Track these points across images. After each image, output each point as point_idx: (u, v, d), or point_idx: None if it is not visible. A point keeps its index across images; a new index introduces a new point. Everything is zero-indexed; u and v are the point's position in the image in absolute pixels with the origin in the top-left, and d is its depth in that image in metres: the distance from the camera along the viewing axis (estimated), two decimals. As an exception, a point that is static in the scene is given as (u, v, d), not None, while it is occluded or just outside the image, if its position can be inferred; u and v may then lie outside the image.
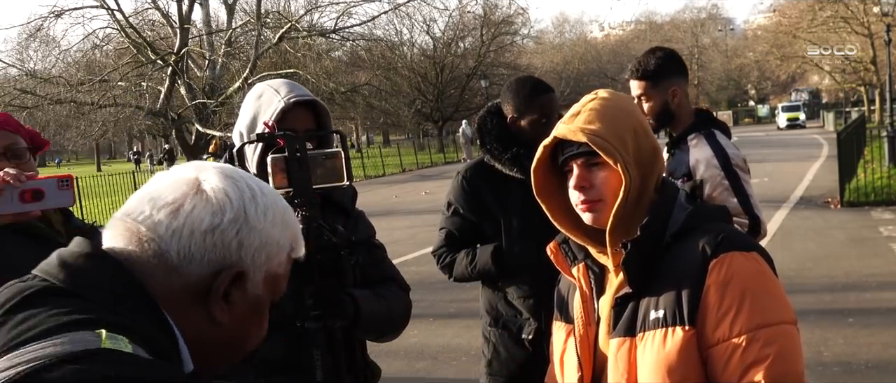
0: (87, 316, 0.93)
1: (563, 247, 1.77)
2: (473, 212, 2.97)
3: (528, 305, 2.91)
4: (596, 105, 1.66)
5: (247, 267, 1.06)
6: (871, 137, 19.98)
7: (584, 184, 1.63)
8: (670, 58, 3.08)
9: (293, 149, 1.87)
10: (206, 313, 1.05)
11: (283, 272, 1.12)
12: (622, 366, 1.60)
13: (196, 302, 1.05)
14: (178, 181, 1.07)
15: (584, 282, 1.74)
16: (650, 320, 1.57)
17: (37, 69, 29.38)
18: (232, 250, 1.05)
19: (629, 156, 1.60)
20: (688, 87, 3.15)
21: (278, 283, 1.13)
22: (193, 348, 1.05)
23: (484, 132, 2.99)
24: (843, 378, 5.27)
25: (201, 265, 1.03)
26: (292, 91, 2.05)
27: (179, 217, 1.03)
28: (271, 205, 1.10)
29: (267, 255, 1.08)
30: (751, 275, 1.54)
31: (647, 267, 1.59)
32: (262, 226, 1.07)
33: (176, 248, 1.03)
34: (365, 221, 2.30)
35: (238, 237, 1.05)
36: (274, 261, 1.09)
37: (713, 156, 2.90)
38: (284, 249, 1.11)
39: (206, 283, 1.04)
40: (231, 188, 1.07)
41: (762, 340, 1.48)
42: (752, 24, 69.87)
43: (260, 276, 1.08)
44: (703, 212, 1.66)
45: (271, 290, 1.12)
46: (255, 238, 1.06)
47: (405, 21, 41.80)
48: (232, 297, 1.06)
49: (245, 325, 1.10)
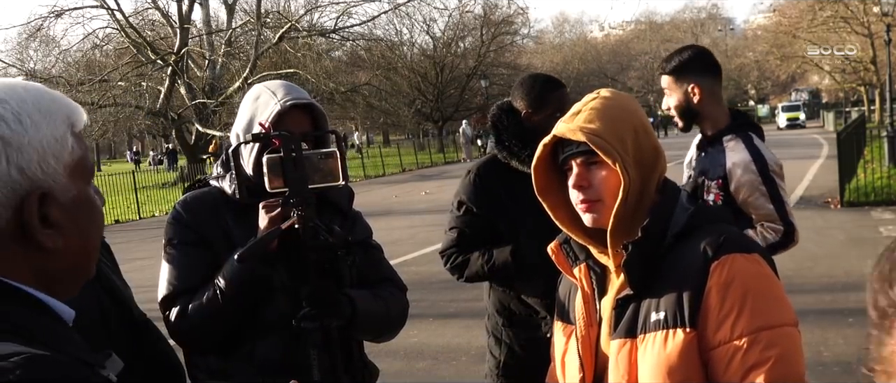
0: None
1: (565, 247, 1.76)
2: (487, 210, 2.93)
3: (545, 304, 2.88)
4: (597, 104, 1.65)
5: (43, 183, 0.95)
6: (871, 137, 19.97)
7: (582, 183, 1.63)
8: (697, 56, 3.04)
9: (289, 150, 1.87)
10: (35, 248, 0.95)
11: (80, 152, 1.00)
12: (623, 368, 1.59)
13: (21, 245, 0.94)
14: None
15: (586, 282, 1.73)
16: (651, 322, 1.56)
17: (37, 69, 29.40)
18: (16, 180, 0.93)
19: (628, 157, 1.59)
20: (719, 86, 3.07)
21: (84, 164, 1.01)
22: (49, 283, 0.97)
23: (500, 129, 2.96)
24: (843, 378, 5.26)
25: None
26: (289, 94, 2.05)
27: None
28: (20, 107, 0.95)
29: (54, 156, 0.96)
30: (752, 276, 1.53)
31: (648, 268, 1.58)
32: (28, 136, 0.94)
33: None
34: (362, 222, 2.30)
35: (12, 165, 0.93)
36: (64, 155, 0.98)
37: (751, 161, 2.87)
38: (65, 136, 0.98)
39: (14, 224, 0.93)
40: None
41: (763, 342, 1.48)
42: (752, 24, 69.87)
43: (62, 179, 0.97)
44: (705, 213, 1.66)
45: (84, 176, 1.01)
46: (29, 154, 0.94)
47: (405, 21, 41.90)
48: (51, 218, 0.95)
49: (79, 228, 1.00)
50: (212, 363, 2.07)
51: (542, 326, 2.88)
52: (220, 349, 2.04)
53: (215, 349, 2.04)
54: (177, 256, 2.06)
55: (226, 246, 2.02)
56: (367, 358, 2.24)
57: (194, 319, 1.99)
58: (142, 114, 27.61)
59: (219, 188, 2.14)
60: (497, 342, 3.02)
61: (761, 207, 2.84)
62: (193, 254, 2.05)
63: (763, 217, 2.99)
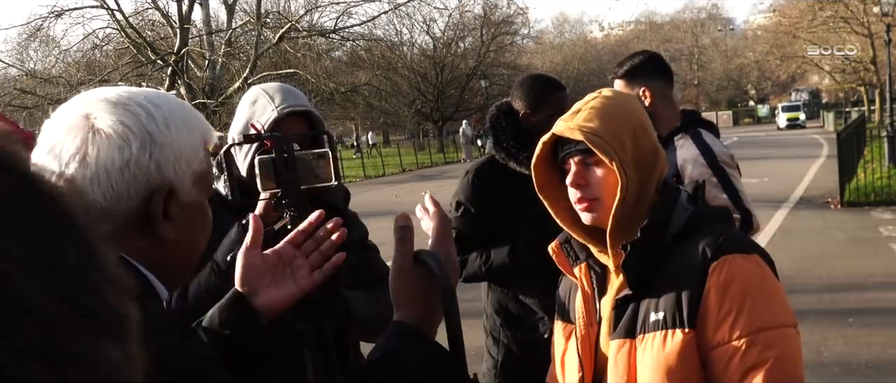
0: None
1: (565, 246, 1.76)
2: (486, 211, 2.93)
3: (542, 304, 2.88)
4: (597, 103, 1.65)
5: (172, 181, 1.08)
6: (871, 137, 19.98)
7: (580, 181, 1.63)
8: (649, 60, 3.09)
9: (281, 150, 1.87)
10: (154, 237, 1.07)
11: (206, 167, 1.14)
12: (622, 368, 1.59)
13: (142, 231, 1.07)
14: (71, 127, 1.06)
15: (586, 281, 1.73)
16: (650, 322, 1.56)
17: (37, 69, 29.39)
18: (152, 174, 1.06)
19: (627, 156, 1.59)
20: (670, 89, 3.16)
21: (206, 180, 1.15)
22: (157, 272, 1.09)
23: (498, 131, 2.96)
24: (843, 378, 5.26)
25: (130, 198, 1.05)
26: (286, 100, 2.05)
27: (89, 164, 1.03)
28: (169, 114, 1.09)
29: (186, 161, 1.09)
30: (751, 277, 1.53)
31: (647, 268, 1.58)
32: (170, 138, 1.08)
33: (100, 193, 1.04)
34: (358, 222, 2.29)
35: (153, 160, 1.06)
36: (195, 163, 1.11)
37: (700, 154, 2.91)
38: (199, 148, 1.12)
39: (141, 211, 1.06)
40: (124, 116, 1.06)
41: (762, 343, 1.47)
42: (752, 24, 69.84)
43: (188, 183, 1.10)
44: (705, 214, 1.65)
45: (204, 187, 1.14)
46: (168, 153, 1.07)
47: (405, 21, 41.82)
48: (171, 213, 1.08)
49: (192, 231, 1.13)
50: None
51: (540, 327, 2.88)
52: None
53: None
54: None
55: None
56: (364, 358, 2.24)
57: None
58: (142, 115, 27.60)
59: (215, 189, 2.14)
60: (495, 342, 3.02)
61: (715, 198, 2.86)
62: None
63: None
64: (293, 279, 1.39)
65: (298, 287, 1.39)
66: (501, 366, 2.99)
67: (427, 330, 1.16)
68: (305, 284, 1.40)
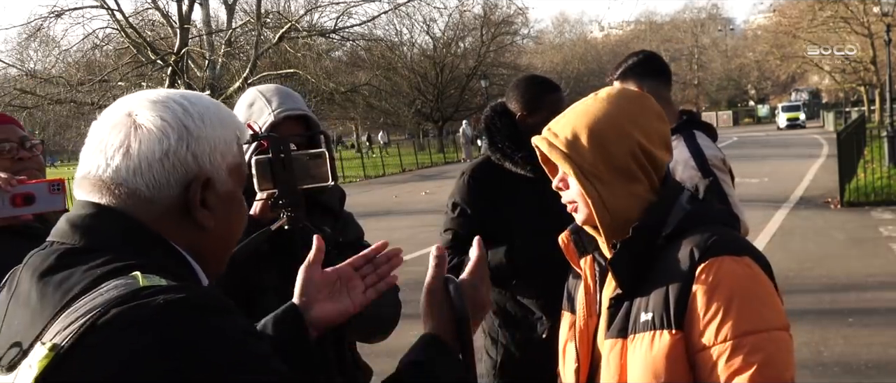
0: (117, 264, 1.05)
1: (575, 237, 1.76)
2: (481, 212, 2.93)
3: (540, 304, 2.88)
4: (578, 109, 1.67)
5: (209, 171, 1.17)
6: (871, 137, 19.97)
7: (559, 185, 1.68)
8: (646, 60, 3.08)
9: (277, 151, 1.87)
10: (193, 224, 1.17)
11: (240, 160, 1.24)
12: (614, 367, 1.58)
13: (182, 219, 1.16)
14: (115, 124, 1.16)
15: (590, 273, 1.73)
16: (640, 322, 1.55)
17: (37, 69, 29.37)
18: (190, 164, 1.15)
19: (594, 164, 1.59)
20: (667, 89, 3.15)
21: (241, 171, 1.24)
22: (198, 260, 1.18)
23: (493, 131, 2.96)
24: (843, 378, 5.26)
25: (170, 187, 1.14)
26: (283, 103, 2.05)
27: (132, 156, 1.13)
28: (204, 110, 1.19)
29: (221, 154, 1.19)
30: (740, 279, 1.50)
31: (638, 268, 1.57)
32: (206, 132, 1.17)
33: (143, 183, 1.13)
34: (354, 223, 2.29)
35: (190, 151, 1.15)
36: (229, 156, 1.20)
37: (690, 157, 2.91)
38: (233, 141, 1.22)
39: (181, 200, 1.15)
40: (163, 112, 1.15)
41: (748, 347, 1.44)
42: (752, 24, 69.83)
43: (223, 174, 1.19)
44: (700, 215, 1.62)
45: (238, 179, 1.23)
46: (204, 145, 1.16)
47: (405, 21, 41.82)
48: (208, 202, 1.17)
49: (229, 219, 1.22)
50: None
51: (538, 327, 2.88)
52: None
53: None
54: None
55: None
56: (361, 358, 2.24)
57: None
58: (142, 115, 27.58)
59: None
60: (493, 342, 3.01)
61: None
62: None
63: None
64: (348, 295, 1.48)
65: (353, 303, 1.48)
66: (500, 367, 2.99)
67: (452, 346, 1.30)
68: (359, 301, 1.49)
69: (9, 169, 2.16)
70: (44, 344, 0.98)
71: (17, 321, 1.06)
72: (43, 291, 1.04)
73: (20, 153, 2.23)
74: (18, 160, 2.22)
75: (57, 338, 0.98)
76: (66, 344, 0.96)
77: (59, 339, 0.97)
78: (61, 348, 0.96)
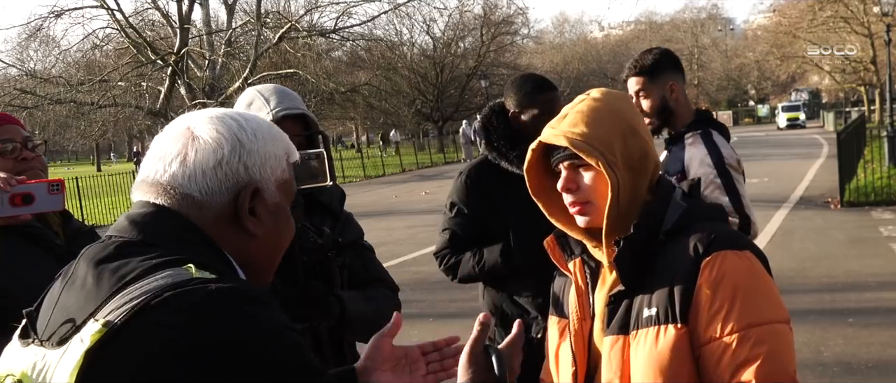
0: (172, 257, 1.13)
1: (560, 241, 1.77)
2: (478, 212, 2.94)
3: (535, 304, 2.89)
4: (583, 107, 1.66)
5: (258, 182, 1.24)
6: (871, 137, 19.98)
7: (570, 186, 1.64)
8: (666, 55, 3.13)
9: None
10: (242, 231, 1.24)
11: (289, 176, 1.31)
12: (615, 364, 1.60)
13: (232, 226, 1.23)
14: (176, 136, 1.24)
15: (580, 276, 1.74)
16: (643, 318, 1.57)
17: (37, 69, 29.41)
18: (241, 174, 1.23)
19: (615, 158, 1.60)
20: (686, 86, 3.18)
21: (289, 186, 1.31)
22: (245, 266, 1.25)
23: (490, 130, 2.98)
24: (843, 378, 5.26)
25: (222, 194, 1.22)
26: (281, 103, 2.05)
27: (188, 164, 1.21)
28: (258, 127, 1.27)
29: (271, 168, 1.26)
30: (743, 273, 1.53)
31: (640, 265, 1.59)
32: (257, 146, 1.25)
33: (197, 189, 1.21)
34: (353, 223, 2.29)
35: (241, 162, 1.23)
36: (278, 170, 1.28)
37: (707, 154, 2.93)
38: (282, 158, 1.29)
39: (232, 207, 1.23)
40: (219, 126, 1.24)
41: (753, 339, 1.48)
42: (752, 24, 69.85)
43: (272, 186, 1.27)
44: (698, 211, 1.66)
45: (286, 194, 1.30)
46: (255, 158, 1.24)
47: (405, 21, 41.82)
48: (257, 211, 1.25)
49: (276, 230, 1.29)
50: None
51: (533, 327, 2.89)
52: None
53: None
54: None
55: None
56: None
57: None
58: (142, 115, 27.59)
59: None
60: (491, 342, 3.02)
61: (716, 200, 2.86)
62: None
63: None
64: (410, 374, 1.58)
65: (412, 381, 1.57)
66: None
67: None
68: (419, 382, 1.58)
69: (12, 169, 2.17)
70: (97, 321, 1.05)
71: (71, 302, 1.13)
72: (100, 275, 1.12)
73: (23, 153, 2.23)
74: (22, 160, 2.23)
75: (111, 316, 1.04)
76: (119, 321, 1.03)
77: (112, 317, 1.04)
78: (114, 324, 1.03)
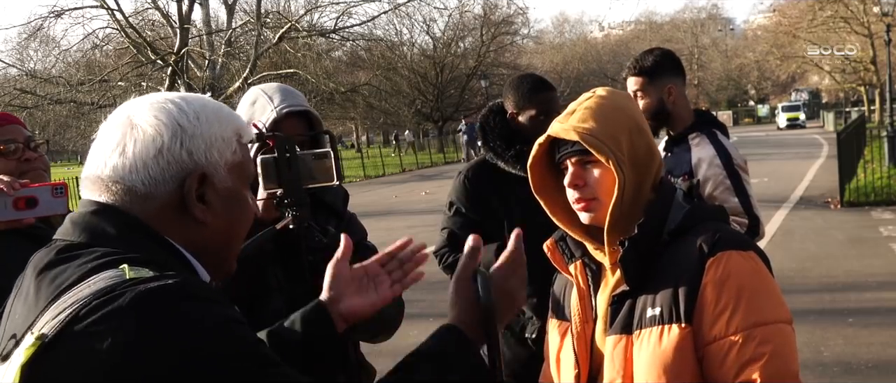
0: (108, 258, 1.09)
1: (560, 244, 1.78)
2: (476, 212, 2.96)
3: (531, 304, 2.89)
4: (591, 103, 1.67)
5: (204, 167, 1.19)
6: (871, 137, 19.97)
7: (578, 182, 1.64)
8: (667, 57, 3.12)
9: (282, 150, 1.87)
10: (191, 219, 1.19)
11: (242, 158, 1.25)
12: (618, 364, 1.60)
13: (180, 215, 1.19)
14: (114, 126, 1.20)
15: (582, 279, 1.74)
16: (647, 317, 1.57)
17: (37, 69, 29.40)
18: (184, 160, 1.18)
19: (623, 155, 1.60)
20: (685, 87, 3.18)
21: (244, 169, 1.26)
22: (200, 255, 1.21)
23: (487, 130, 2.99)
24: (843, 378, 5.27)
25: (166, 183, 1.17)
26: (285, 100, 2.06)
27: (128, 155, 1.17)
28: (201, 109, 1.22)
29: (218, 151, 1.21)
30: (747, 273, 1.54)
31: (644, 265, 1.59)
32: (201, 129, 1.20)
33: (139, 180, 1.17)
34: (357, 223, 2.30)
35: (184, 148, 1.18)
36: (228, 153, 1.22)
37: (716, 155, 2.93)
38: (232, 139, 1.23)
39: (178, 196, 1.18)
40: (158, 112, 1.20)
41: (758, 338, 1.48)
42: (752, 24, 69.81)
43: (222, 170, 1.21)
44: (701, 212, 1.66)
45: (241, 177, 1.25)
46: (199, 142, 1.19)
47: (405, 21, 41.77)
48: (206, 197, 1.20)
49: (230, 216, 1.24)
50: None
51: (528, 327, 2.89)
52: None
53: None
54: None
55: None
56: (364, 358, 2.25)
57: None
58: (142, 115, 27.55)
59: None
60: None
61: (726, 201, 2.87)
62: None
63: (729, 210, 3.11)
64: (376, 290, 1.52)
65: (380, 297, 1.52)
66: None
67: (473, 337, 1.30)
68: (386, 295, 1.52)
69: (15, 169, 2.16)
70: (32, 334, 1.03)
71: (17, 314, 1.12)
72: (39, 285, 1.10)
73: (26, 154, 2.23)
74: (25, 161, 2.22)
75: (45, 328, 1.02)
76: (51, 334, 1.01)
77: (46, 329, 1.02)
78: (46, 337, 1.01)
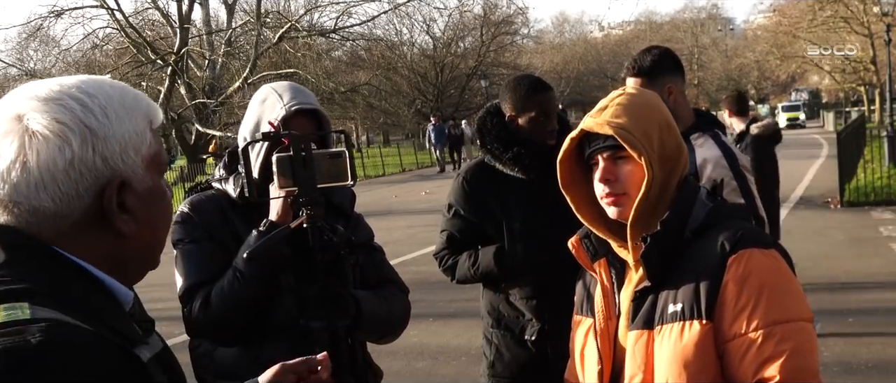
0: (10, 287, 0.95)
1: (585, 241, 1.78)
2: (474, 214, 2.96)
3: (530, 306, 2.90)
4: (623, 100, 1.69)
5: (122, 172, 1.04)
6: (871, 137, 19.98)
7: (609, 176, 1.66)
8: (666, 56, 3.11)
9: (298, 149, 1.87)
10: (113, 232, 1.04)
11: (157, 147, 1.09)
12: (639, 359, 1.62)
13: (98, 228, 1.03)
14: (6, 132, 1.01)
15: (606, 276, 1.76)
16: (668, 313, 1.59)
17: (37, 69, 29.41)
18: (99, 168, 1.02)
19: (654, 152, 1.62)
20: (685, 87, 3.17)
21: (159, 158, 1.10)
22: (119, 267, 1.06)
23: (484, 132, 2.98)
24: (843, 378, 5.27)
25: (80, 198, 1.01)
26: (295, 98, 2.06)
27: (31, 170, 0.99)
28: (106, 102, 1.04)
29: (133, 149, 1.05)
30: (769, 271, 1.56)
31: (666, 261, 1.61)
32: (112, 129, 1.03)
33: (48, 198, 1.00)
34: (364, 224, 2.31)
35: (97, 154, 1.01)
36: (143, 149, 1.07)
37: (722, 156, 2.92)
38: (144, 131, 1.07)
39: (95, 208, 1.02)
40: (59, 113, 1.01)
41: (778, 336, 1.50)
42: (752, 24, 69.76)
43: (140, 170, 1.06)
44: (724, 210, 1.68)
45: (157, 168, 1.10)
46: (112, 144, 1.03)
47: (405, 21, 41.80)
48: (127, 204, 1.05)
49: (154, 218, 1.10)
50: (219, 364, 2.08)
51: (528, 328, 2.89)
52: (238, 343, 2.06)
53: (236, 341, 2.06)
54: (193, 250, 2.08)
55: (236, 248, 2.04)
56: (371, 359, 2.25)
57: (217, 309, 2.00)
58: (142, 114, 27.59)
59: (222, 191, 2.14)
60: (488, 343, 3.05)
61: (733, 202, 2.87)
62: (208, 247, 2.07)
63: None
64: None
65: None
66: (492, 366, 3.03)
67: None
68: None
69: None
70: None
71: None
72: None
73: None
74: None
75: None
76: None
77: None
78: None
